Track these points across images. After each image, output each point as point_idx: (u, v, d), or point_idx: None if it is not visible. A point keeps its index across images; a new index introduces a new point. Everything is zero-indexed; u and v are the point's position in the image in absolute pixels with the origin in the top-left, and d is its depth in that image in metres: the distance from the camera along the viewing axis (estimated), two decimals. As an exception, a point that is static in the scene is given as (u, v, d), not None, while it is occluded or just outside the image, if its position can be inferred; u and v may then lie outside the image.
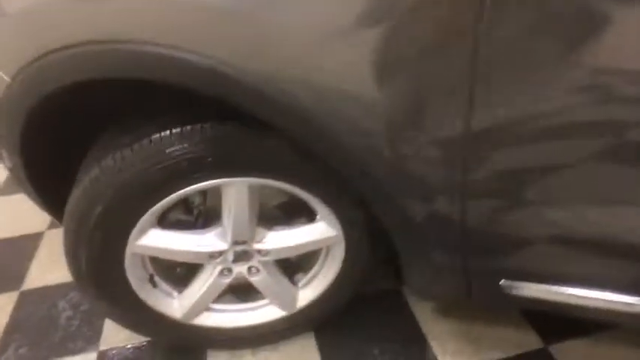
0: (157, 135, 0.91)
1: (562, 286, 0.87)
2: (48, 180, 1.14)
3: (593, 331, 1.37)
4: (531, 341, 1.36)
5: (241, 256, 1.13)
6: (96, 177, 0.94)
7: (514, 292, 0.90)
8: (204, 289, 1.16)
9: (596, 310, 0.89)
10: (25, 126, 0.95)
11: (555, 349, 1.34)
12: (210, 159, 0.91)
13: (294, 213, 1.18)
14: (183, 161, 0.91)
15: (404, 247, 0.95)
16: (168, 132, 0.91)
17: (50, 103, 0.90)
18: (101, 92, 0.93)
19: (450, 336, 1.38)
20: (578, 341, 1.35)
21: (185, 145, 0.90)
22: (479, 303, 0.99)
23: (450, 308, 1.46)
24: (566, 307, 0.91)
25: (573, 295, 0.87)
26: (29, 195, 1.19)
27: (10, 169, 1.14)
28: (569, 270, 0.87)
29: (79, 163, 1.07)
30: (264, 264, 1.16)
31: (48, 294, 1.57)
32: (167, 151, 0.90)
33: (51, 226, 1.88)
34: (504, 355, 1.32)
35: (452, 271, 0.92)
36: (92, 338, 1.41)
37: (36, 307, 1.52)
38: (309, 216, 1.16)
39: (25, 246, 1.78)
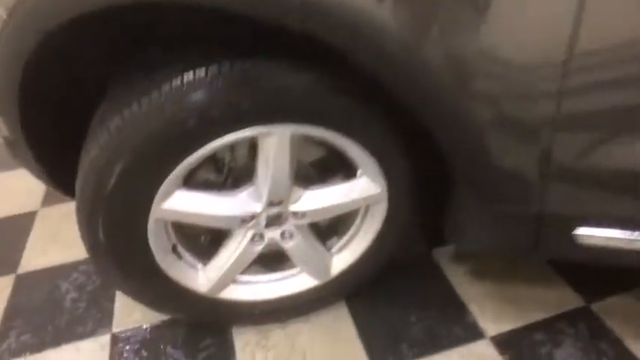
0: (179, 79, 0.78)
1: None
2: (50, 146, 1.01)
3: (633, 288, 1.33)
4: (571, 300, 1.31)
5: (275, 220, 1.02)
6: (112, 134, 0.81)
7: (589, 241, 0.83)
8: (233, 258, 1.05)
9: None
10: (23, 77, 0.81)
11: (597, 306, 1.29)
12: (248, 104, 0.79)
13: (329, 172, 1.08)
14: (214, 108, 0.79)
15: (468, 197, 0.86)
16: (192, 74, 0.78)
17: (49, 50, 0.76)
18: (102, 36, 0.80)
19: (487, 299, 1.31)
20: (619, 298, 1.31)
21: (217, 88, 0.77)
22: (542, 256, 0.91)
23: (485, 270, 1.39)
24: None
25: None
26: (27, 165, 1.05)
27: (5, 138, 1.00)
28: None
29: (84, 126, 0.94)
30: (299, 228, 1.06)
31: (47, 276, 1.44)
32: (193, 97, 0.78)
33: (44, 204, 1.73)
34: (546, 316, 1.27)
35: (522, 220, 0.84)
36: (103, 320, 1.29)
37: (36, 290, 1.39)
38: (346, 174, 1.06)
39: (18, 226, 1.63)
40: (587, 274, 1.35)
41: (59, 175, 1.07)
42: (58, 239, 1.57)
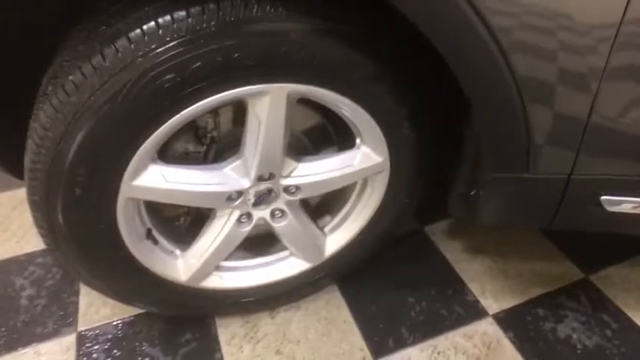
0: (153, 22, 0.64)
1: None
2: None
3: (629, 257, 1.30)
4: (571, 273, 1.26)
5: (264, 197, 0.90)
6: (70, 94, 0.67)
7: (614, 208, 0.76)
8: (217, 242, 0.93)
9: None
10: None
11: (596, 277, 1.25)
12: (239, 55, 0.65)
13: (323, 142, 0.97)
14: (197, 60, 0.65)
15: (494, 170, 0.77)
16: (168, 17, 0.64)
17: None
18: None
19: (486, 276, 1.25)
20: (616, 268, 1.27)
21: (201, 34, 0.63)
22: (560, 226, 0.83)
23: (480, 246, 1.33)
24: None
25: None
26: None
27: None
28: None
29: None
30: (291, 205, 0.94)
31: (-2, 271, 1.26)
32: (171, 46, 0.64)
33: (-13, 190, 1.53)
34: (547, 290, 1.22)
35: (548, 190, 0.76)
36: (66, 318, 1.14)
37: (-16, 288, 1.22)
38: (342, 144, 0.95)
39: (-42, 216, 1.43)
40: (584, 245, 1.32)
41: (9, 156, 0.91)
42: (8, 230, 1.39)
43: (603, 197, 0.76)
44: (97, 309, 1.15)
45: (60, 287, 1.21)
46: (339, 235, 1.06)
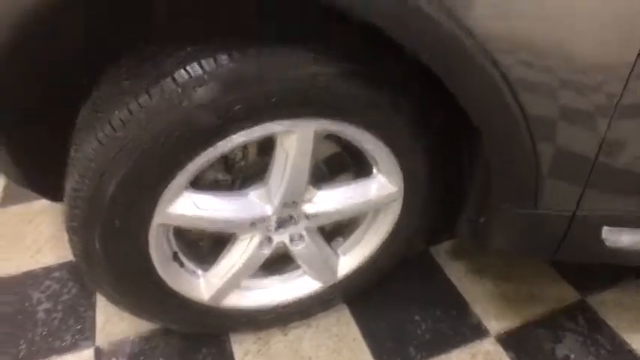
0: (197, 64, 0.68)
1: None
2: (29, 147, 0.88)
3: (622, 280, 1.36)
4: (568, 294, 1.33)
5: (285, 222, 0.95)
6: (116, 129, 0.71)
7: (613, 239, 0.82)
8: (239, 264, 0.97)
9: None
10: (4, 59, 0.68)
11: (592, 299, 1.31)
12: (276, 99, 0.71)
13: (339, 169, 1.02)
14: (237, 100, 0.70)
15: (505, 202, 0.82)
16: (212, 60, 0.68)
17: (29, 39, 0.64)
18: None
19: (488, 297, 1.30)
20: (611, 292, 1.33)
21: (241, 77, 0.68)
22: (563, 257, 0.89)
23: (483, 268, 1.38)
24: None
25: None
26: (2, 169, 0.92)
27: None
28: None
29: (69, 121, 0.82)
30: (309, 230, 0.99)
31: (13, 285, 1.29)
32: (213, 87, 0.69)
33: (1, 207, 1.55)
34: (546, 311, 1.27)
35: (554, 224, 0.82)
36: (83, 332, 1.17)
37: (2, 302, 1.24)
38: (356, 172, 1.00)
39: (-26, 230, 1.46)
40: (581, 268, 1.38)
41: (36, 176, 0.95)
42: (22, 243, 1.42)
43: (605, 232, 0.82)
44: (114, 324, 1.19)
45: (76, 301, 1.25)
46: (352, 257, 1.11)
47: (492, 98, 0.70)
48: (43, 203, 1.50)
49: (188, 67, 0.68)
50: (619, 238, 0.82)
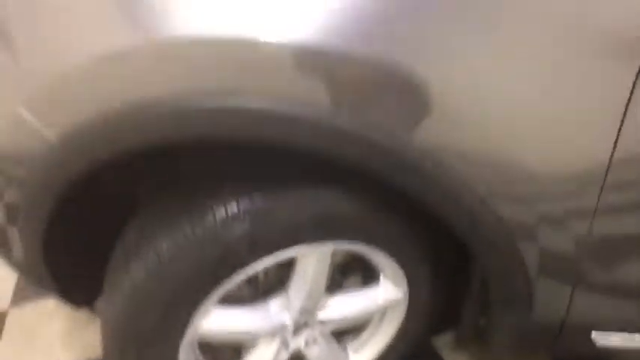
0: (234, 203, 0.79)
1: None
2: (66, 261, 0.96)
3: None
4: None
5: (301, 327, 1.02)
6: (164, 261, 0.80)
7: (603, 342, 0.91)
8: (257, 369, 1.03)
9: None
10: (57, 203, 0.78)
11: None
12: (301, 234, 0.83)
13: (346, 275, 1.12)
14: (272, 232, 0.81)
15: (498, 309, 0.92)
16: (247, 200, 0.80)
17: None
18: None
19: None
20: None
21: (274, 214, 0.80)
22: (560, 355, 0.98)
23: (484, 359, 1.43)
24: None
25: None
26: (39, 283, 0.99)
27: (10, 258, 0.95)
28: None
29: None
30: (323, 334, 1.07)
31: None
32: (250, 223, 0.79)
33: (13, 304, 1.59)
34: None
35: (546, 329, 0.91)
36: None
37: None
38: (365, 278, 1.10)
39: (-11, 330, 1.48)
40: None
41: (69, 286, 1.02)
42: (35, 342, 1.44)
43: (594, 334, 0.91)
44: None
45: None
46: (361, 356, 1.17)
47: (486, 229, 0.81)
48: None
49: (227, 205, 0.79)
50: (607, 338, 0.91)
